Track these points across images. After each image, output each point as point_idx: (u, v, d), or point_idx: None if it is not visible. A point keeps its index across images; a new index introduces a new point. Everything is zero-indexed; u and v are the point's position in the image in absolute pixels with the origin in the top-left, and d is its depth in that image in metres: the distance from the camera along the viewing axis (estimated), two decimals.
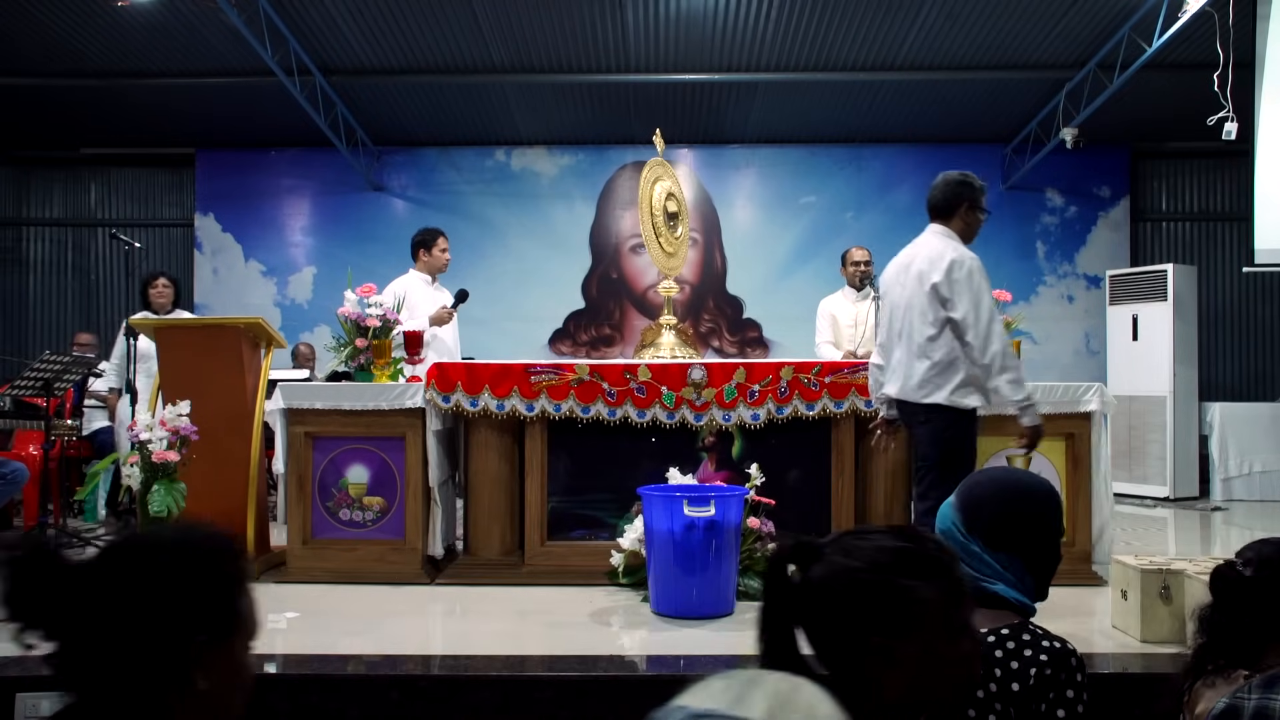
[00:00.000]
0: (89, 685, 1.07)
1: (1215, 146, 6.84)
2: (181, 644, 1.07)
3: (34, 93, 8.11)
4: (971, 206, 3.65)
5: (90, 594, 1.06)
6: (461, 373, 4.51)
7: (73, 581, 1.07)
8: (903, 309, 3.63)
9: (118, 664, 1.05)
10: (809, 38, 7.18)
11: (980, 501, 1.71)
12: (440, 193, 9.43)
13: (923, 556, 1.23)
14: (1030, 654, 1.57)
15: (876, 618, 1.17)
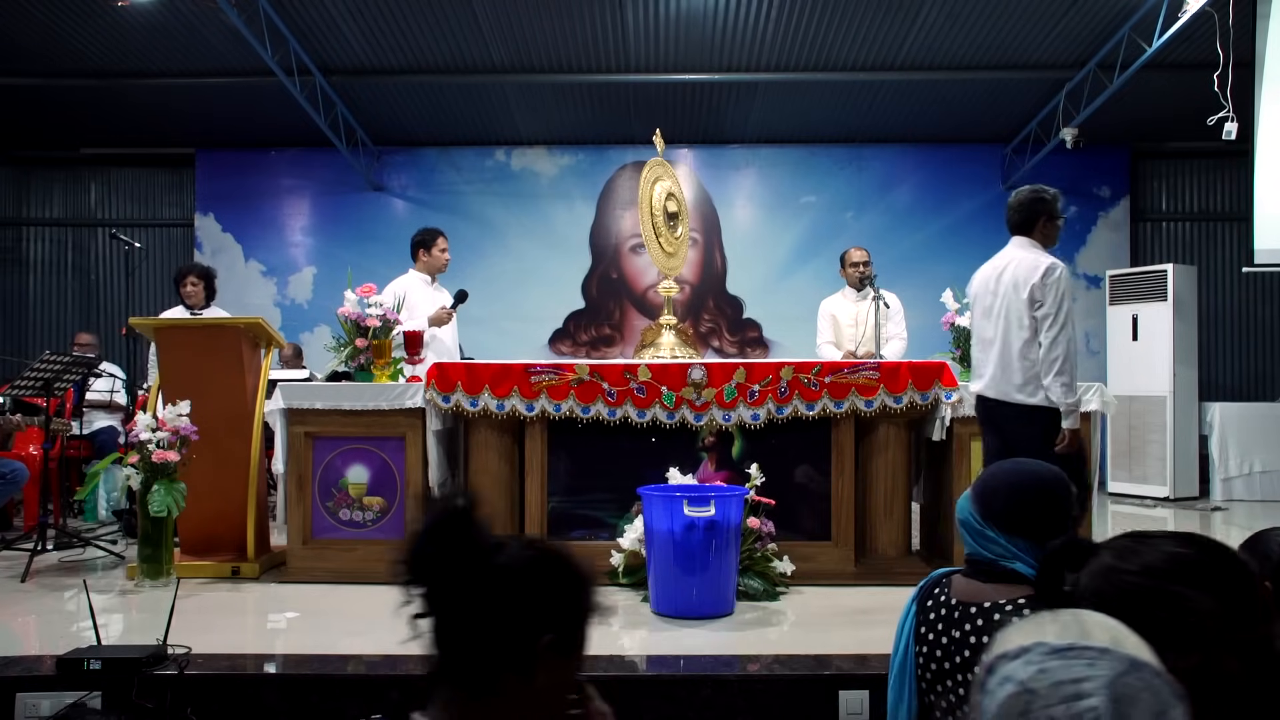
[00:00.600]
0: (452, 650, 1.20)
1: (1215, 146, 6.84)
2: (534, 638, 1.17)
3: (34, 93, 8.11)
4: (1049, 218, 4.00)
5: (483, 576, 1.19)
6: (461, 373, 4.51)
7: (472, 561, 1.19)
8: (995, 315, 3.89)
9: (480, 637, 1.18)
10: (809, 38, 7.18)
11: (994, 491, 1.81)
12: (440, 193, 9.43)
13: (1207, 565, 1.15)
14: None
15: (1147, 626, 1.05)
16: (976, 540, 1.81)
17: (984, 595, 1.76)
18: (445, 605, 1.19)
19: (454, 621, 1.19)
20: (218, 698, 3.01)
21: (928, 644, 1.82)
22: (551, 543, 1.27)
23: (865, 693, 2.96)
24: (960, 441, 4.50)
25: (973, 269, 4.25)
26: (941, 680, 1.77)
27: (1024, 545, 1.76)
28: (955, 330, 4.98)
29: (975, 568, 1.81)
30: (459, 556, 1.18)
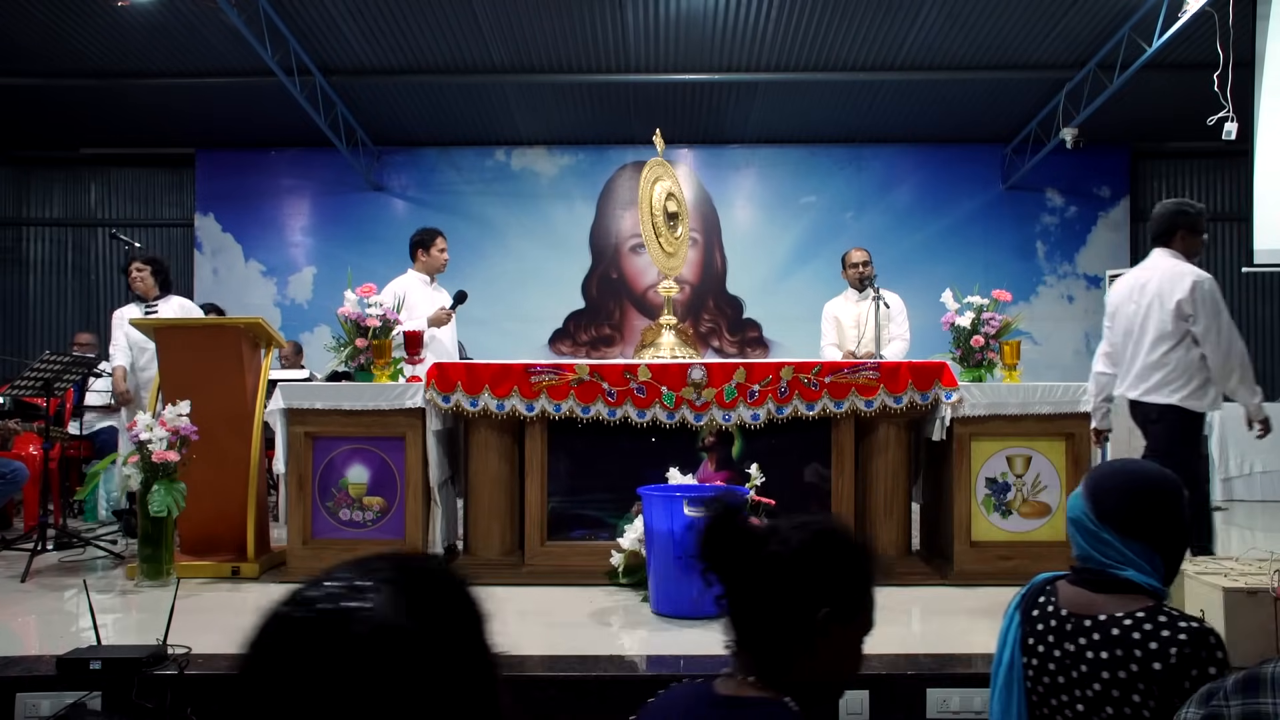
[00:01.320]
0: (743, 627, 1.34)
1: (1215, 146, 6.84)
2: (811, 613, 1.29)
3: (34, 93, 8.11)
4: (1189, 231, 4.11)
5: (756, 565, 1.33)
6: (461, 373, 4.51)
7: (750, 542, 1.34)
8: (1139, 322, 4.07)
9: (761, 617, 1.31)
10: (809, 38, 7.18)
11: (1108, 492, 1.76)
12: (440, 193, 9.43)
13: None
14: (1169, 634, 1.59)
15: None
16: (1089, 542, 1.73)
17: (1097, 607, 1.69)
18: (731, 591, 1.34)
19: (740, 604, 1.34)
20: (218, 698, 3.01)
21: (1038, 656, 1.75)
22: (823, 519, 1.39)
23: (865, 693, 2.95)
24: (960, 441, 4.49)
25: (973, 269, 4.28)
26: (1056, 694, 1.72)
27: (1139, 549, 1.69)
28: (955, 330, 4.97)
29: (1083, 575, 1.74)
30: (735, 551, 1.33)
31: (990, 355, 4.81)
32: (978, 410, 4.49)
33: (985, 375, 4.81)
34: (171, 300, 5.62)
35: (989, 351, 4.80)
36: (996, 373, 4.81)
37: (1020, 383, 4.69)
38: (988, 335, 4.80)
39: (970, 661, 3.14)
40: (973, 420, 4.49)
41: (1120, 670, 1.60)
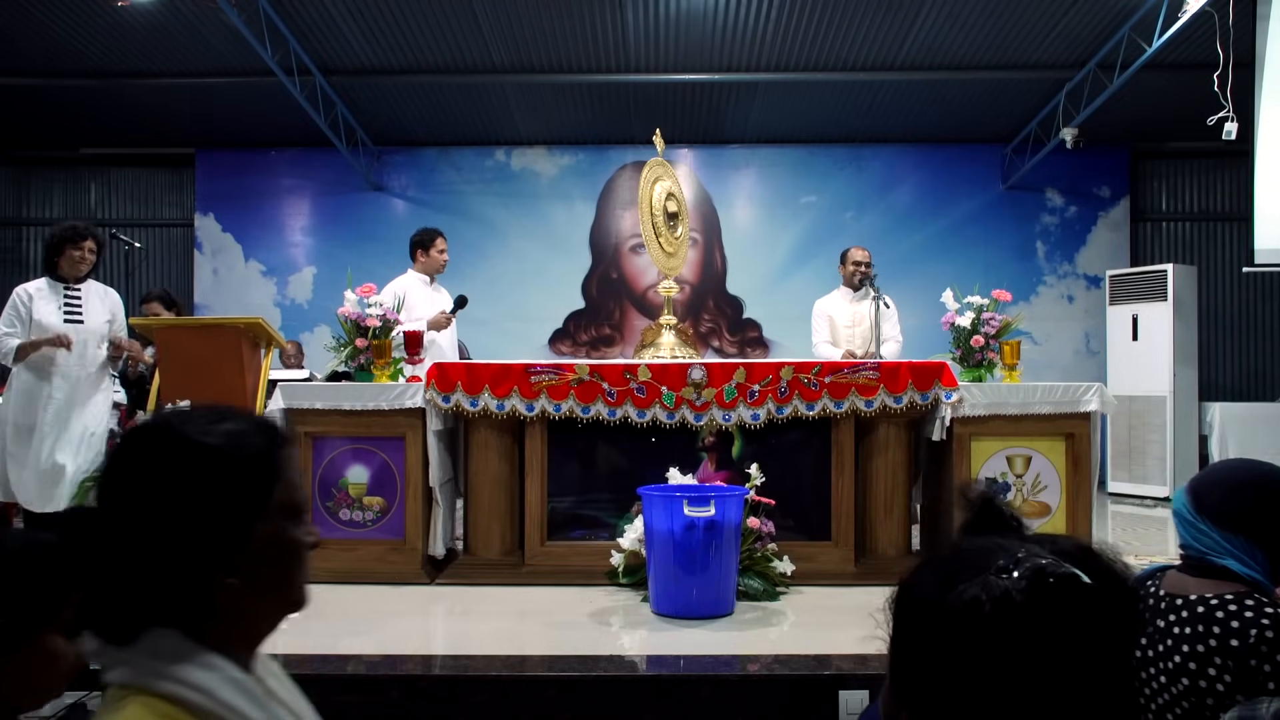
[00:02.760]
0: None
1: (1215, 146, 6.84)
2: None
3: (34, 93, 8.11)
4: None
5: None
6: (461, 373, 4.51)
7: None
8: None
9: None
10: (809, 38, 7.18)
11: (1208, 486, 1.81)
12: (440, 193, 9.43)
13: None
14: (1251, 616, 1.65)
15: None
16: (1189, 532, 1.80)
17: (1191, 589, 1.76)
18: None
19: None
20: None
21: None
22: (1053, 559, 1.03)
23: (865, 693, 2.95)
24: (960, 441, 4.49)
25: (973, 269, 4.26)
26: (1144, 668, 1.79)
27: (1239, 543, 1.74)
28: (955, 330, 4.97)
29: (1187, 562, 1.81)
30: None
31: (990, 355, 4.81)
32: (978, 410, 4.49)
33: (985, 375, 4.81)
34: (93, 284, 5.08)
35: (989, 351, 4.80)
36: (996, 373, 4.81)
37: (1020, 383, 4.69)
38: (988, 335, 4.80)
39: None
40: (973, 420, 4.49)
41: (1199, 645, 1.67)
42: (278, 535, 1.10)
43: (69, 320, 4.85)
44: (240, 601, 1.07)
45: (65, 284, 4.92)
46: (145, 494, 1.05)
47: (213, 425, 1.08)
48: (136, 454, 1.08)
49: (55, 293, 4.88)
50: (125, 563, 1.04)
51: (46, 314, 4.81)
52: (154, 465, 1.06)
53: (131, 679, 1.03)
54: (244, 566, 1.06)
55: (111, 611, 1.05)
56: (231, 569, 1.06)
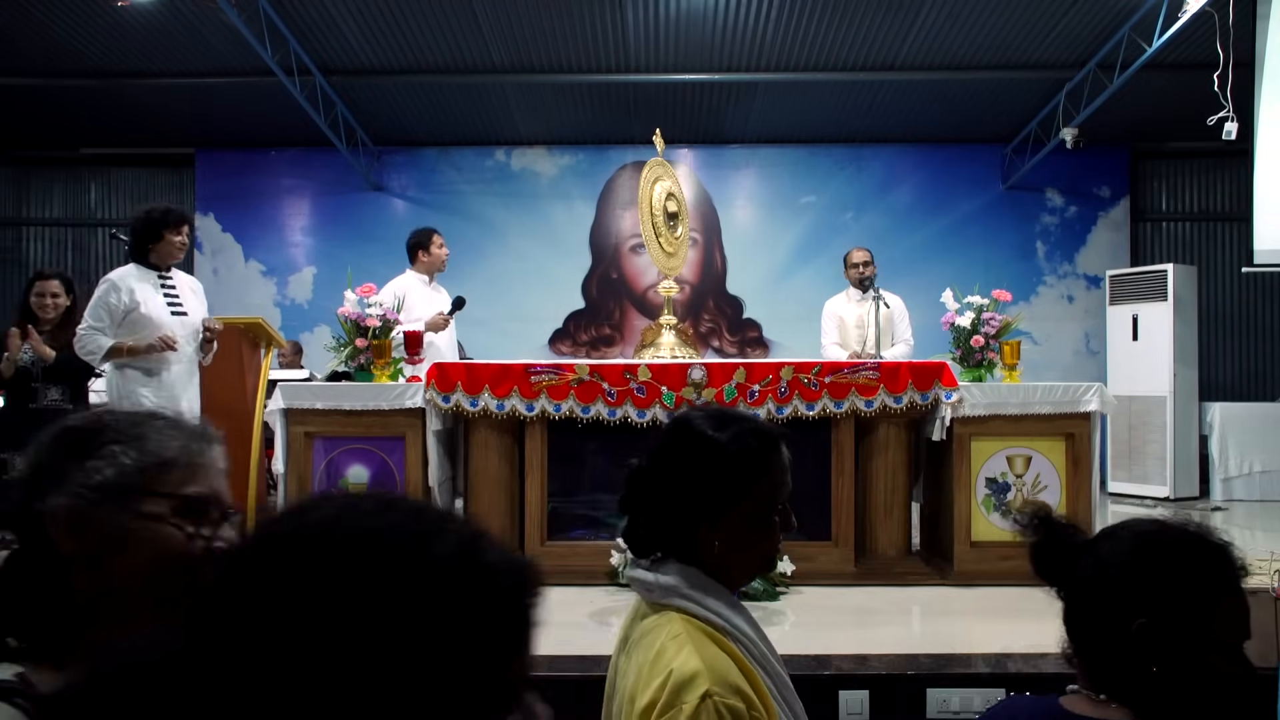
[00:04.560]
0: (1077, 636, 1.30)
1: (1215, 146, 6.84)
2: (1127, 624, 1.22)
3: (34, 93, 8.11)
4: None
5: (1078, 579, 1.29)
6: (461, 373, 4.51)
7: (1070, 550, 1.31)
8: None
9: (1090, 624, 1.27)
10: (809, 38, 7.17)
11: None
12: (440, 193, 9.43)
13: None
14: None
15: None
16: None
17: None
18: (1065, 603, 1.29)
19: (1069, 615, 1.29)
20: None
21: None
22: (1151, 524, 1.28)
23: (865, 693, 2.95)
24: (960, 441, 4.49)
25: (973, 269, 4.26)
26: None
27: None
28: (955, 330, 4.97)
29: None
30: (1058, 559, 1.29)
31: (990, 355, 4.81)
32: (978, 410, 4.49)
33: (985, 375, 4.81)
34: (178, 273, 4.68)
35: (989, 351, 4.81)
36: (996, 373, 4.81)
37: (1020, 383, 4.69)
38: (988, 335, 4.80)
39: (970, 661, 3.14)
40: (973, 420, 4.49)
41: None
42: (758, 511, 1.42)
43: (175, 313, 4.36)
44: (722, 554, 1.41)
45: (158, 272, 4.42)
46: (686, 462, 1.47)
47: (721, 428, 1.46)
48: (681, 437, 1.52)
49: (151, 283, 4.36)
50: (658, 500, 1.47)
51: (155, 308, 4.29)
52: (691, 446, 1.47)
53: (668, 600, 1.40)
54: (726, 529, 1.41)
55: (645, 541, 1.47)
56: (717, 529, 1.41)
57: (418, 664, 0.63)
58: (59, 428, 1.06)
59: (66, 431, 1.05)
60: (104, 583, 0.99)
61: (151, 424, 1.05)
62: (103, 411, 1.08)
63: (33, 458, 1.04)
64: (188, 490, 1.03)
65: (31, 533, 0.99)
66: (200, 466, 1.06)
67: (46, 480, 1.00)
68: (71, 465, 1.00)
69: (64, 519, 0.98)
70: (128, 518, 0.99)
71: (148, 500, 1.00)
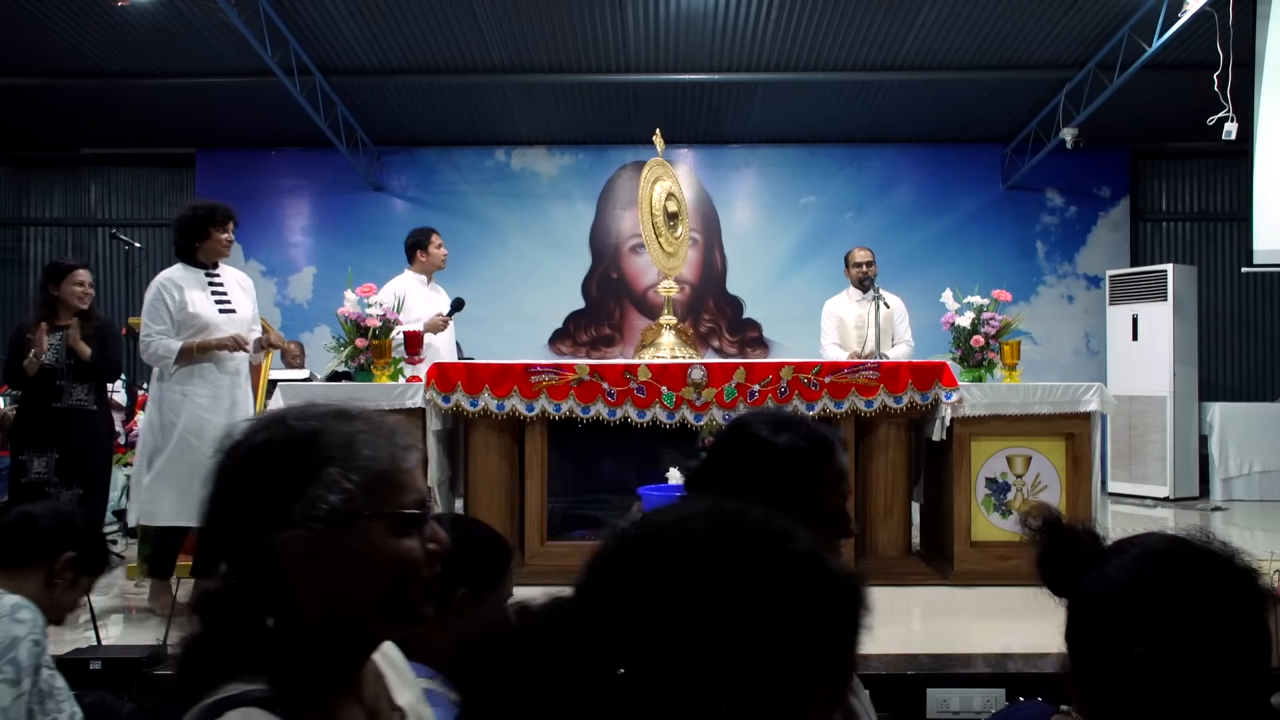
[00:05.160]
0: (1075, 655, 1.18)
1: (1215, 146, 6.84)
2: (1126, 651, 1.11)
3: (34, 93, 8.11)
4: None
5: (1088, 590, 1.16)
6: (461, 373, 4.51)
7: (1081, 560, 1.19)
8: None
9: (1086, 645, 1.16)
10: (809, 38, 7.17)
11: None
12: (440, 193, 9.43)
13: None
14: None
15: None
16: None
17: None
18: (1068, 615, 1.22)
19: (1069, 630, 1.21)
20: None
21: None
22: (1168, 539, 1.15)
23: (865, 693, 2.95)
24: (960, 441, 4.50)
25: (973, 269, 4.26)
26: None
27: None
28: (955, 330, 4.98)
29: None
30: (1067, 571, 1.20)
31: (990, 355, 4.81)
32: (978, 410, 4.50)
33: (985, 375, 4.81)
34: (226, 269, 4.50)
35: (989, 351, 4.81)
36: (996, 373, 4.81)
37: (1020, 383, 4.70)
38: (988, 335, 4.80)
39: (970, 661, 3.14)
40: (973, 420, 4.49)
41: None
42: (810, 517, 1.40)
43: (223, 311, 4.23)
44: None
45: (205, 270, 4.31)
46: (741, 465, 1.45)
47: (778, 431, 1.45)
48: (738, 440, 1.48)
49: (198, 281, 4.26)
50: None
51: (203, 307, 4.17)
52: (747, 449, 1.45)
53: None
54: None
55: None
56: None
57: (774, 654, 0.73)
58: (258, 445, 1.02)
59: (272, 452, 1.01)
60: (334, 605, 1.00)
61: (356, 434, 1.02)
62: (293, 421, 1.03)
63: (240, 480, 1.01)
64: (405, 501, 1.03)
65: (260, 563, 0.98)
66: (408, 471, 1.05)
67: (267, 509, 0.98)
68: (291, 492, 0.99)
69: (297, 553, 0.97)
70: (356, 541, 0.99)
71: (373, 522, 1.00)
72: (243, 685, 0.95)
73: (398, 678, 1.15)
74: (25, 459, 4.34)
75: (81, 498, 4.31)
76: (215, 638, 0.99)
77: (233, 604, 0.99)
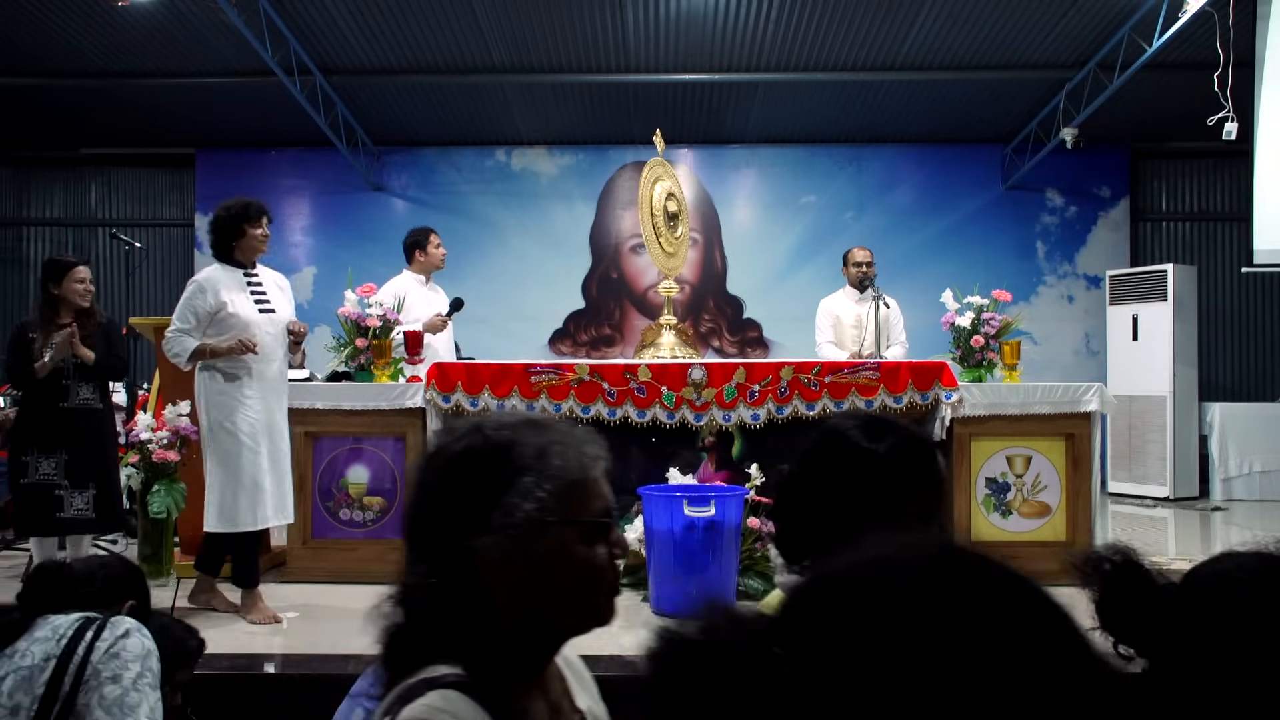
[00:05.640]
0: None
1: (1215, 146, 6.84)
2: None
3: (34, 93, 8.11)
4: None
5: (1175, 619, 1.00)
6: (461, 373, 4.51)
7: (1161, 602, 1.03)
8: None
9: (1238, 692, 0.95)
10: (809, 38, 7.18)
11: None
12: (440, 193, 9.43)
13: None
14: None
15: None
16: None
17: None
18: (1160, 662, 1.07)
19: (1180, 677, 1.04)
20: (218, 698, 3.01)
21: None
22: None
23: None
24: (960, 441, 4.50)
25: (973, 269, 4.26)
26: None
27: None
28: (955, 330, 4.98)
29: None
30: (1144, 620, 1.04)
31: (990, 355, 4.81)
32: (978, 410, 4.50)
33: (985, 375, 4.81)
34: (262, 268, 4.66)
35: (989, 351, 4.81)
36: (996, 373, 4.81)
37: (1020, 383, 4.70)
38: (988, 335, 4.81)
39: None
40: (973, 420, 4.50)
41: None
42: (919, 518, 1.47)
43: (263, 310, 4.22)
44: None
45: (243, 269, 4.35)
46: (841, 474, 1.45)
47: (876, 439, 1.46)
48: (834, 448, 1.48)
49: (237, 282, 4.29)
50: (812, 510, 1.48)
51: (243, 307, 4.16)
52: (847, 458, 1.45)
53: None
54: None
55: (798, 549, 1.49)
56: None
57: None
58: (458, 454, 1.09)
59: (471, 461, 1.08)
60: (526, 605, 1.06)
61: (550, 445, 1.08)
62: (490, 431, 1.09)
63: (442, 488, 1.09)
64: (595, 509, 1.08)
65: (459, 565, 1.06)
66: (597, 480, 1.10)
67: (467, 515, 1.05)
68: (489, 500, 1.05)
69: (495, 558, 1.04)
70: (548, 547, 1.05)
71: (565, 530, 1.06)
72: (441, 669, 1.02)
73: (577, 681, 1.21)
74: (29, 460, 4.25)
75: (96, 499, 4.26)
76: (416, 629, 1.07)
77: (433, 601, 1.06)
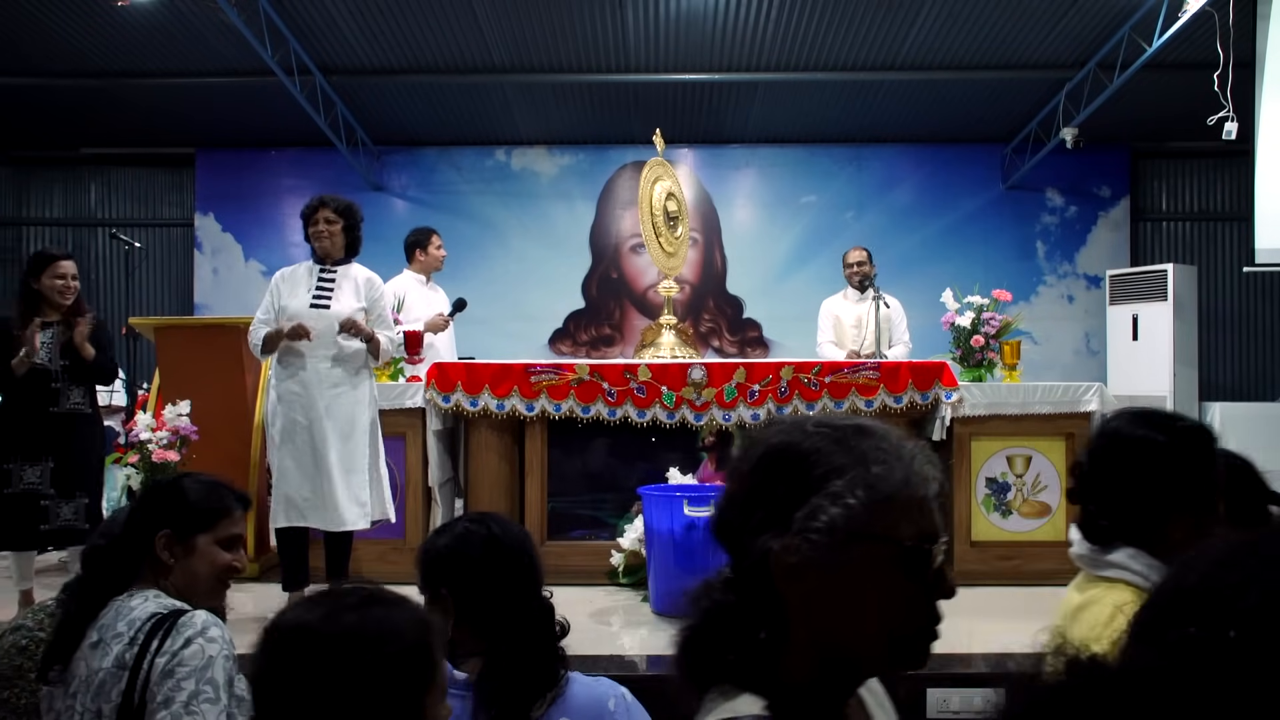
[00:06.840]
0: None
1: (1215, 146, 6.84)
2: None
3: (34, 93, 8.11)
4: None
5: None
6: (461, 373, 4.51)
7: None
8: None
9: None
10: (809, 38, 7.17)
11: None
12: (440, 193, 9.43)
13: None
14: None
15: None
16: None
17: None
18: None
19: None
20: None
21: None
22: None
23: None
24: (960, 441, 4.50)
25: (973, 269, 4.26)
26: None
27: None
28: (955, 330, 4.98)
29: None
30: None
31: (990, 355, 4.81)
32: (978, 410, 4.50)
33: (985, 375, 4.81)
34: (354, 266, 4.31)
35: (989, 351, 4.81)
36: (996, 373, 4.81)
37: (1020, 383, 4.70)
38: (988, 335, 4.81)
39: (970, 661, 3.14)
40: (973, 420, 4.49)
41: None
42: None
43: (315, 305, 4.08)
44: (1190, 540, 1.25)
45: (321, 264, 4.24)
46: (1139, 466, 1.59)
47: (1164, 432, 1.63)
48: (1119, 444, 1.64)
49: (310, 274, 4.23)
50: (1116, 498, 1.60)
51: (295, 299, 4.12)
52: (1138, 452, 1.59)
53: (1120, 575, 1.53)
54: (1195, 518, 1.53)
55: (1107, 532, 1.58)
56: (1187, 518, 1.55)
57: None
58: (773, 447, 0.98)
59: (785, 455, 0.97)
60: (822, 626, 0.94)
61: (872, 451, 0.96)
62: (812, 427, 0.98)
63: (751, 479, 0.98)
64: (913, 532, 0.96)
65: (755, 567, 0.95)
66: (922, 500, 0.98)
67: (771, 511, 0.94)
68: (795, 498, 0.94)
69: (790, 562, 0.93)
70: (851, 563, 0.93)
71: (874, 547, 0.94)
72: (743, 707, 0.91)
73: (879, 708, 1.08)
74: (12, 468, 4.04)
75: (88, 508, 4.15)
76: (710, 636, 0.98)
77: (729, 605, 0.97)
